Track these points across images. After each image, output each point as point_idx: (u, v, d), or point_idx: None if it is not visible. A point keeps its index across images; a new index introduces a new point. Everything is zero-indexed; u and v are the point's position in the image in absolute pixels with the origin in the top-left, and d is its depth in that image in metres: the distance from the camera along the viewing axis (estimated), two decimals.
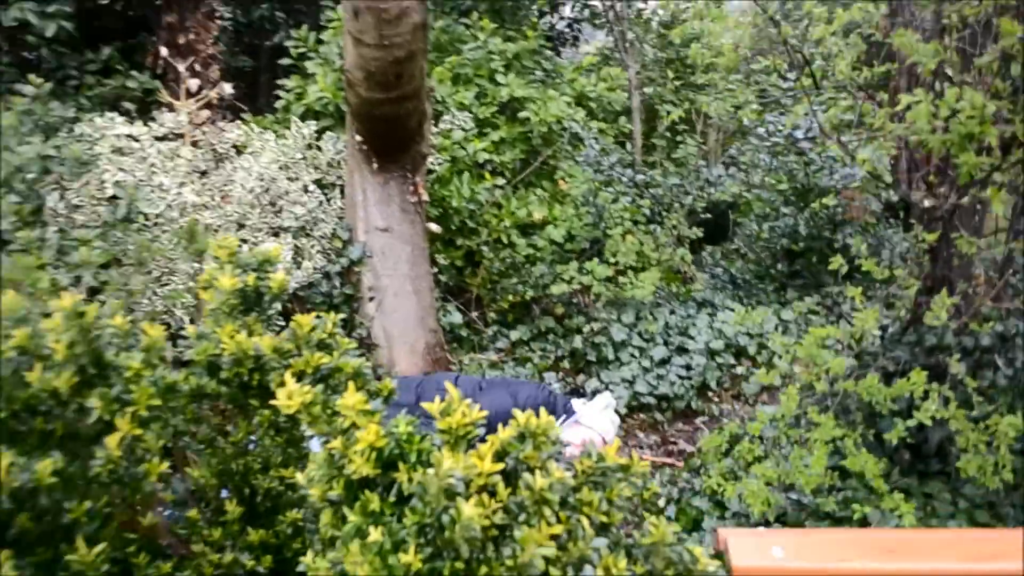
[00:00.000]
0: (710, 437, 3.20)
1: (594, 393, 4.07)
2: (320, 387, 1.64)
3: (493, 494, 1.36)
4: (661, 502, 3.40)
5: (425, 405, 1.49)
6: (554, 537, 1.35)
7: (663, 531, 1.40)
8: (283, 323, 4.25)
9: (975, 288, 3.32)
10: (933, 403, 2.60)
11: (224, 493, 2.09)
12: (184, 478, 2.13)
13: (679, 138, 7.22)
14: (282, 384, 1.85)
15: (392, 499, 1.45)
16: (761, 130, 6.43)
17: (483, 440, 3.65)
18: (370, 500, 1.43)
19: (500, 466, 1.37)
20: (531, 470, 1.40)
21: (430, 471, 1.32)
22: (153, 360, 1.87)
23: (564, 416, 3.76)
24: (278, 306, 2.15)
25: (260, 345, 1.86)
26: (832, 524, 2.75)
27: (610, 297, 5.28)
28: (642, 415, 4.62)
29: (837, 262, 3.23)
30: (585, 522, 1.38)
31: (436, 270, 5.04)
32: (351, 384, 1.48)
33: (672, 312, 5.44)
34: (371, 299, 4.50)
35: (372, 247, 4.48)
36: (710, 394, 4.90)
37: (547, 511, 1.35)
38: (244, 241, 4.12)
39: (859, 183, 6.00)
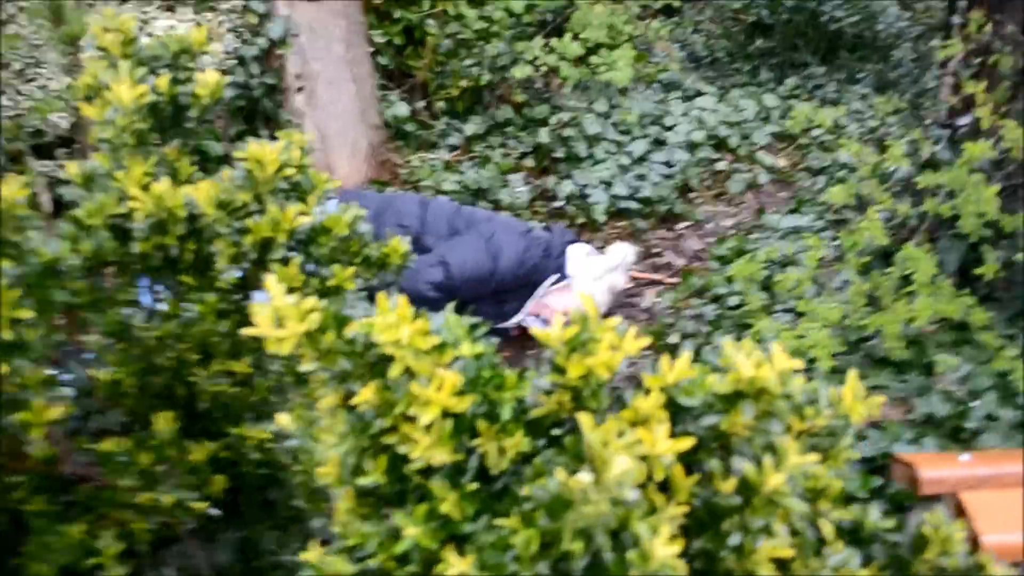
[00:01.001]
0: (739, 265, 2.64)
1: (579, 240, 3.38)
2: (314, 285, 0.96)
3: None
4: (673, 338, 2.90)
5: None
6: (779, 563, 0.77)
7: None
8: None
9: None
10: None
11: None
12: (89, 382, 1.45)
13: None
14: (236, 256, 1.16)
15: (470, 486, 0.83)
16: None
17: (436, 300, 2.99)
18: (443, 496, 0.81)
19: (687, 443, 0.75)
20: (726, 449, 0.80)
21: (581, 474, 0.70)
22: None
23: (556, 276, 3.14)
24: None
25: (195, 199, 1.13)
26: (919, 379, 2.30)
27: (577, 82, 4.53)
28: (622, 222, 4.04)
29: None
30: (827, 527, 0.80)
31: (372, 50, 4.16)
32: (381, 297, 0.80)
33: (645, 98, 4.74)
34: (299, 90, 3.64)
35: (297, 23, 3.56)
36: (692, 194, 4.34)
37: (778, 525, 0.76)
38: None
39: None
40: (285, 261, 1.17)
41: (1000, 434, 1.97)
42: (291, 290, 1.21)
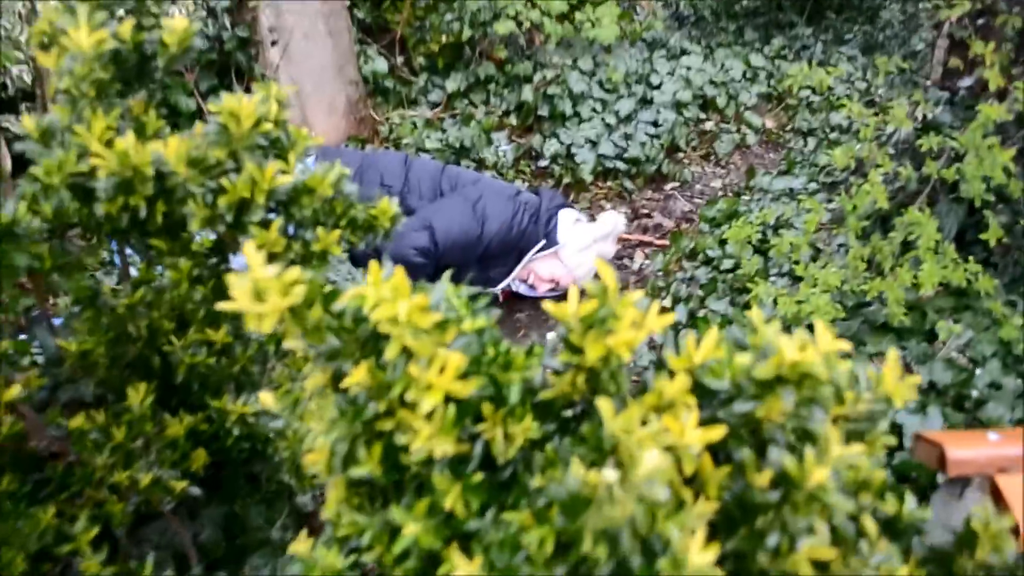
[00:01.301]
0: (734, 228, 2.56)
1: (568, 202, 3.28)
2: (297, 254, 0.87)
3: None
4: (666, 302, 2.83)
5: None
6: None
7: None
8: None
9: None
10: None
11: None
12: (58, 351, 1.35)
13: None
14: (211, 219, 1.07)
15: (475, 477, 0.75)
16: None
17: (421, 265, 2.87)
18: (445, 489, 0.72)
19: (719, 432, 0.67)
20: (757, 436, 0.72)
21: (606, 471, 0.62)
22: None
23: (543, 242, 3.05)
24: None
25: (164, 156, 1.03)
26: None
27: (560, 39, 4.40)
28: (609, 183, 3.95)
29: None
30: (870, 525, 0.73)
31: (349, 3, 4.00)
32: (373, 265, 0.71)
33: (629, 56, 4.62)
34: (273, 43, 3.49)
35: None
36: (679, 155, 4.25)
37: (819, 523, 0.68)
38: None
39: None
40: (265, 224, 1.07)
41: (1005, 403, 1.93)
42: (272, 256, 1.12)
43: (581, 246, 3.07)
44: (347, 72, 3.69)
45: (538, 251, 3.01)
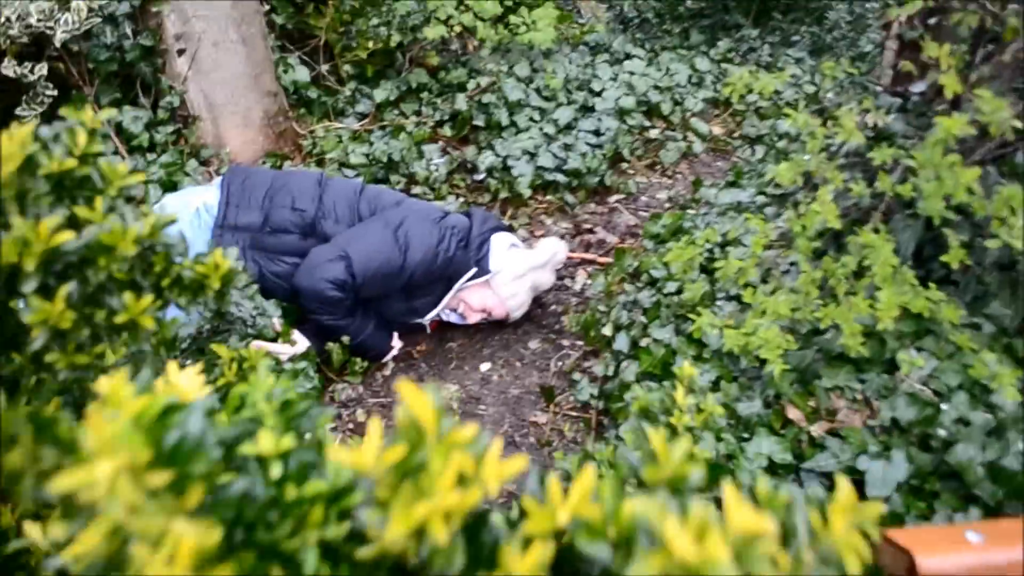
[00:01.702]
0: (676, 249, 2.34)
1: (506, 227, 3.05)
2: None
3: None
4: (607, 330, 2.61)
5: None
6: None
7: None
8: (51, 94, 2.95)
9: None
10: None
11: None
12: None
13: None
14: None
15: None
16: None
17: (338, 300, 2.61)
18: None
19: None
20: None
21: None
22: None
23: (473, 272, 2.79)
24: None
25: None
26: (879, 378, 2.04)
27: (496, 43, 4.17)
28: (549, 197, 3.72)
29: None
30: None
31: (267, 8, 3.73)
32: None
33: (570, 62, 4.41)
34: (180, 52, 3.21)
35: None
36: (623, 165, 4.04)
37: None
38: None
39: None
40: (46, 290, 0.82)
41: (975, 442, 1.73)
42: (59, 333, 0.87)
43: (516, 274, 2.83)
44: (263, 82, 3.42)
45: (468, 279, 2.77)
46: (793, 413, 2.23)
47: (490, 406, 2.61)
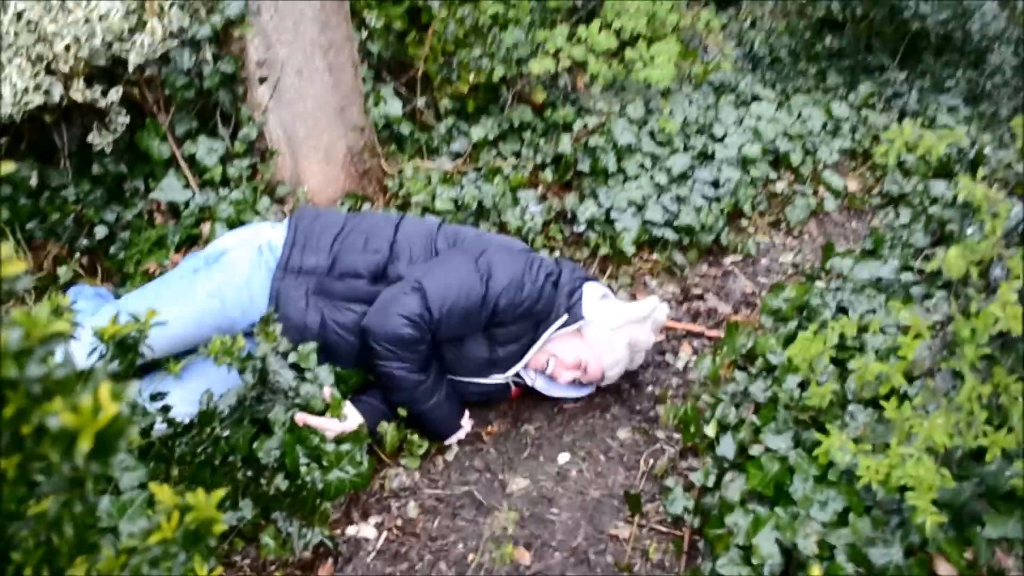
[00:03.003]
0: (802, 340, 1.89)
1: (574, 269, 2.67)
2: None
3: None
4: (710, 429, 2.17)
5: None
6: None
7: None
8: (124, 120, 2.75)
9: None
10: None
11: None
12: None
13: None
14: None
15: None
16: None
17: (414, 340, 2.26)
18: None
19: None
20: None
21: None
22: None
23: (564, 318, 2.45)
24: None
25: None
26: None
27: (610, 80, 3.80)
28: (655, 255, 3.31)
29: None
30: None
31: (364, 35, 3.48)
32: None
33: (690, 102, 3.99)
34: (262, 80, 2.98)
35: None
36: (743, 222, 3.58)
37: None
38: None
39: None
40: None
41: None
42: None
43: (613, 324, 2.46)
44: (349, 115, 3.15)
45: (560, 327, 2.41)
46: (944, 569, 1.75)
47: (563, 510, 2.20)
